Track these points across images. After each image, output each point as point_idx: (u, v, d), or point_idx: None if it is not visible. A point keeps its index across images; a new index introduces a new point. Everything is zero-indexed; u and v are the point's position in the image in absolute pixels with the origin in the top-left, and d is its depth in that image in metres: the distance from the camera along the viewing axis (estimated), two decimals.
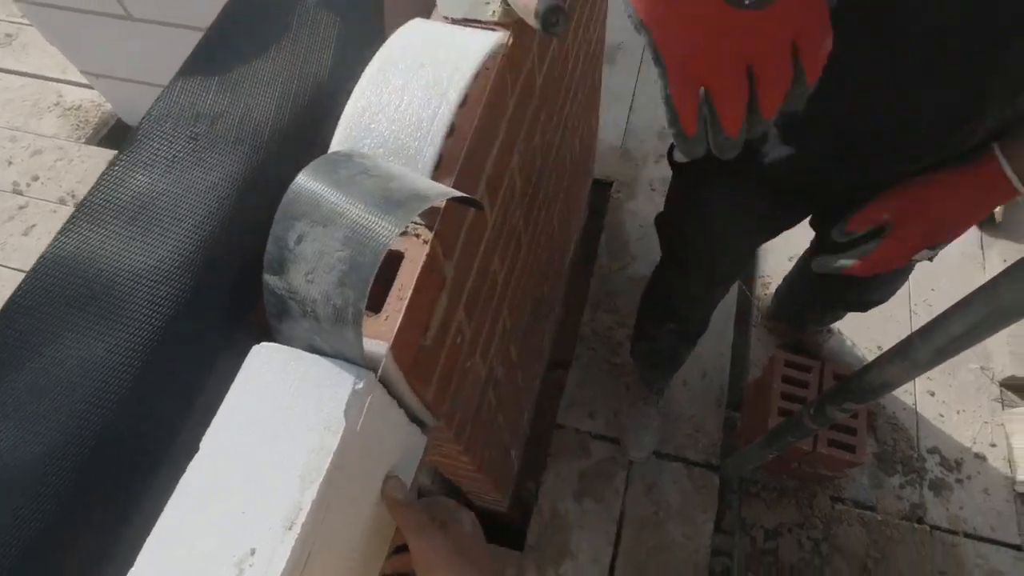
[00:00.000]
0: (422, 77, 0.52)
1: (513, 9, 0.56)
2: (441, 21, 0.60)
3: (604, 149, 2.04)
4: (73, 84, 2.10)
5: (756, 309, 1.78)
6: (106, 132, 2.07)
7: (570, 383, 1.70)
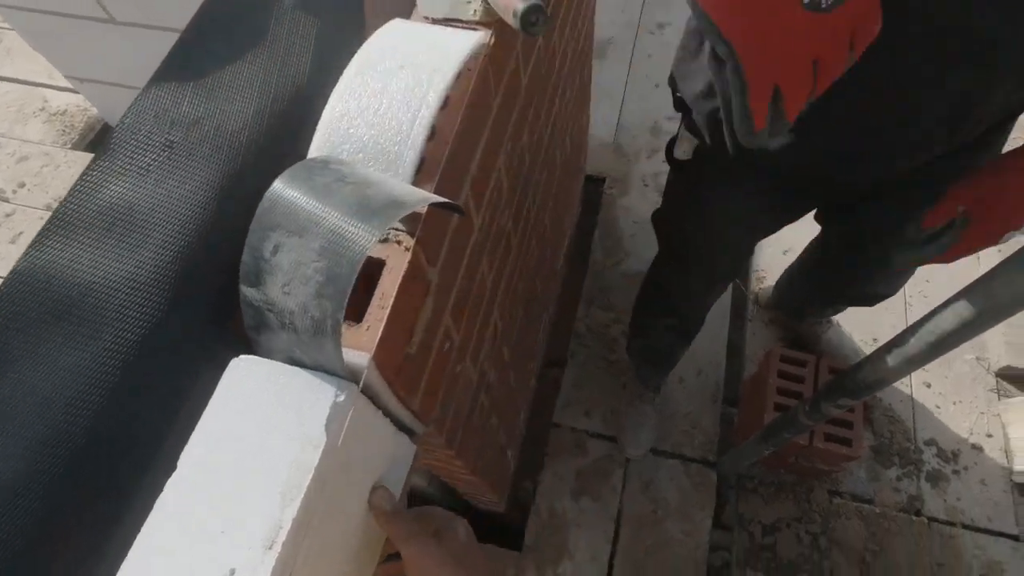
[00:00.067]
0: (401, 80, 0.50)
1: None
2: (421, 21, 0.59)
3: (596, 145, 2.03)
4: (58, 89, 2.08)
5: (751, 304, 1.78)
6: (93, 137, 2.05)
7: (566, 381, 1.69)
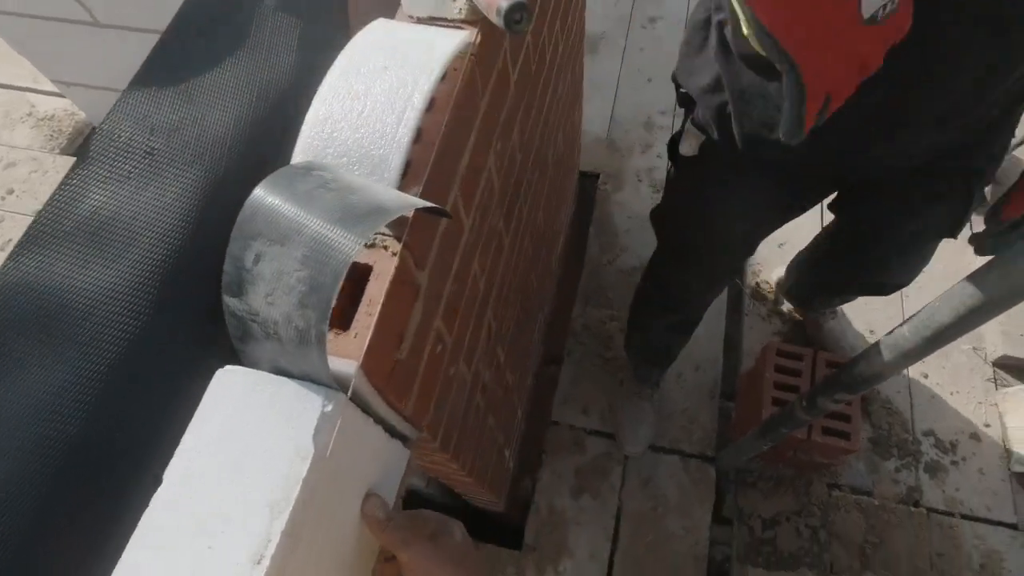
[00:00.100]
0: (385, 81, 0.49)
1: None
2: (406, 20, 0.58)
3: (589, 141, 2.01)
4: (45, 93, 2.06)
5: (748, 298, 1.77)
6: (81, 141, 2.03)
7: (563, 379, 1.69)
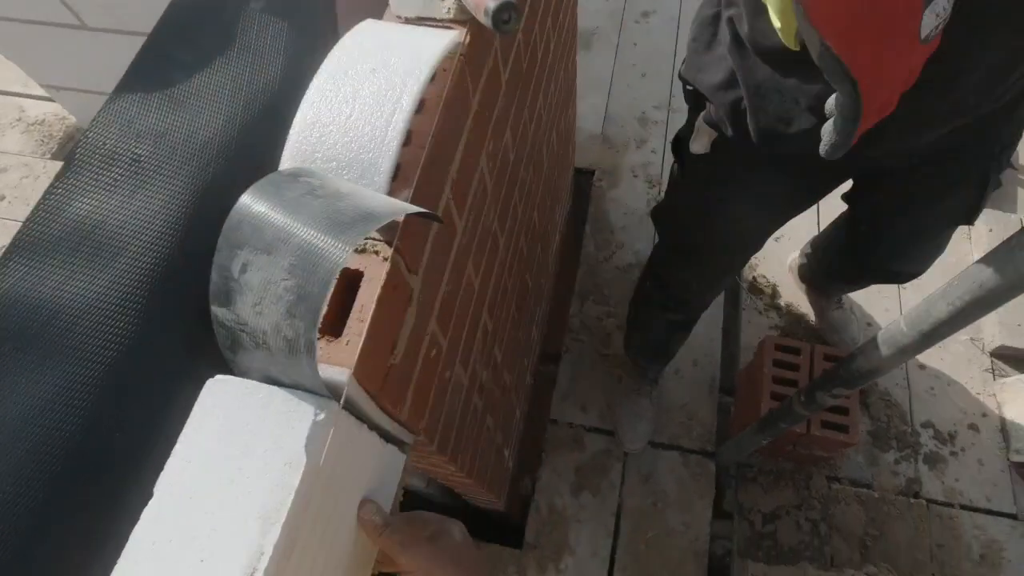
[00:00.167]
0: (373, 83, 0.49)
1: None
2: (394, 20, 0.57)
3: (584, 137, 2.01)
4: (35, 98, 2.04)
5: (745, 292, 1.77)
6: (72, 146, 2.01)
7: (561, 377, 1.69)
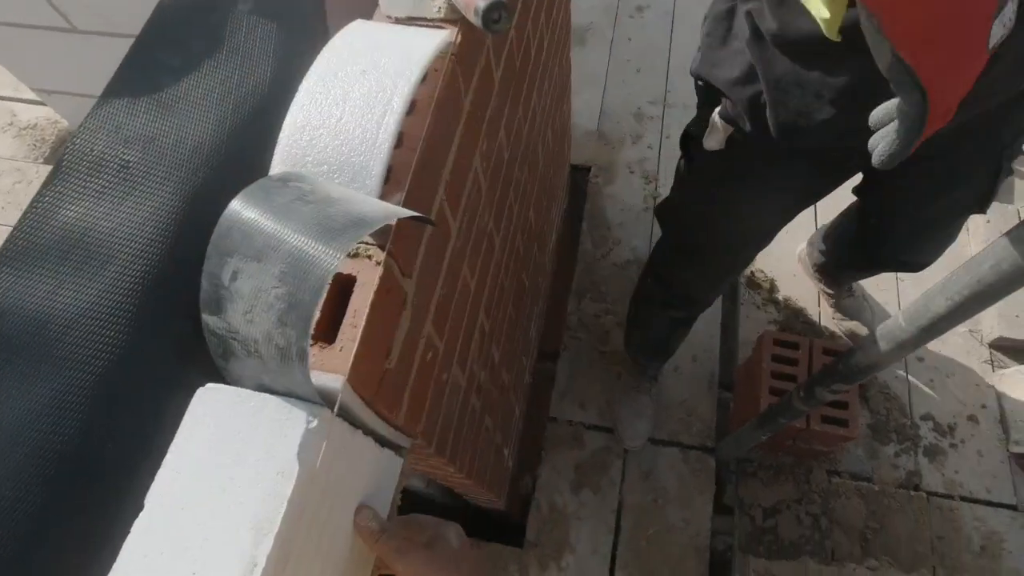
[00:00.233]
0: (364, 85, 0.48)
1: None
2: (384, 21, 0.57)
3: (579, 134, 2.00)
4: (26, 102, 2.03)
5: (743, 287, 1.77)
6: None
7: (560, 375, 1.68)
